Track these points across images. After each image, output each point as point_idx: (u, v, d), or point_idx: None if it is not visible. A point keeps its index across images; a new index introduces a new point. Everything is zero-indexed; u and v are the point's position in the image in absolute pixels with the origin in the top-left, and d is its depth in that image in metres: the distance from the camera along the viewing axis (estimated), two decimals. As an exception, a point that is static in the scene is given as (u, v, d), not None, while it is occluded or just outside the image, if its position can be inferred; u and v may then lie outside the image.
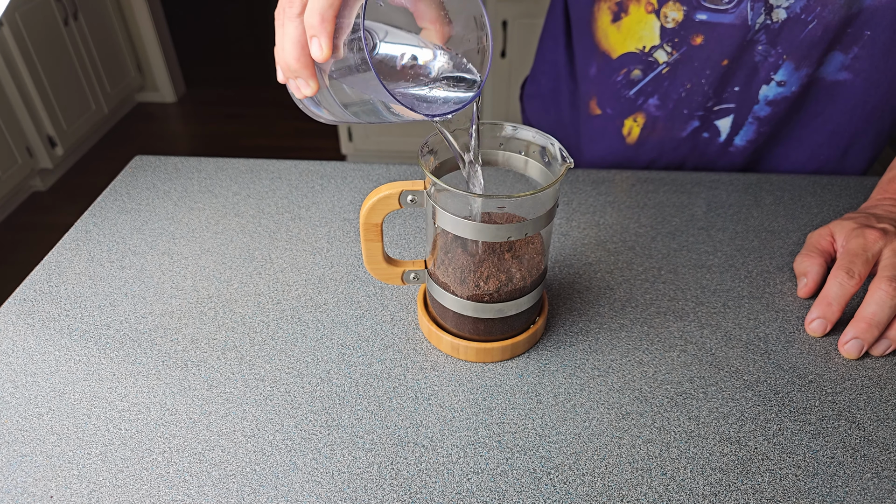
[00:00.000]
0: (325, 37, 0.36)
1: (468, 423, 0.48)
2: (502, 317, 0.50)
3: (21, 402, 0.49)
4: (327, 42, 0.37)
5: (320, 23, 0.36)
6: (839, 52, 0.68)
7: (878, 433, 0.47)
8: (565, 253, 0.64)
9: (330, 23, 0.36)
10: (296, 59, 0.38)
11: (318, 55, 0.37)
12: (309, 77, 0.39)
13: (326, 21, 0.36)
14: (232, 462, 0.45)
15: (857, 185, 0.74)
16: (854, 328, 0.52)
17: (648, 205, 0.71)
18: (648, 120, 0.78)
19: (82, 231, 0.68)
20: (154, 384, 0.51)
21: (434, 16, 0.41)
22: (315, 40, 0.37)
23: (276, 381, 0.51)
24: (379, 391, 0.50)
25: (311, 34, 0.37)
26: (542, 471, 0.44)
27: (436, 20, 0.41)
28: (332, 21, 0.36)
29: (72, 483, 0.44)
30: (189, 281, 0.61)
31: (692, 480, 0.44)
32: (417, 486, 0.43)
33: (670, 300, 0.59)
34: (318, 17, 0.36)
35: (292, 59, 0.38)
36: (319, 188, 0.75)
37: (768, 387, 0.50)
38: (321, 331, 0.56)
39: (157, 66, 3.18)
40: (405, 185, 0.48)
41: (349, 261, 0.64)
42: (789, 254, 0.64)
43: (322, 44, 0.37)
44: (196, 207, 0.71)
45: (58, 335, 0.55)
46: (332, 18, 0.36)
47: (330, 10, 0.36)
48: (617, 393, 0.50)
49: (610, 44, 0.75)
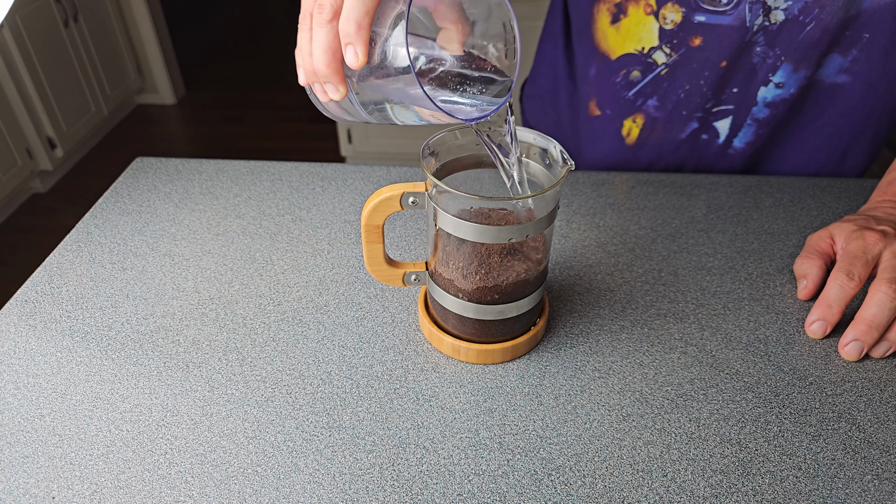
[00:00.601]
0: (361, 45, 0.37)
1: (469, 424, 0.48)
2: (503, 318, 0.50)
3: (23, 403, 0.50)
4: (363, 50, 0.37)
5: (356, 31, 0.36)
6: (837, 54, 0.68)
7: (879, 435, 0.47)
8: (566, 255, 0.64)
9: (367, 31, 0.37)
10: (326, 65, 0.39)
11: (354, 63, 0.37)
12: (339, 83, 0.40)
13: (363, 29, 0.36)
14: (233, 463, 0.45)
15: (856, 188, 0.74)
16: (854, 330, 0.52)
17: (648, 207, 0.71)
18: (647, 121, 0.78)
19: (83, 232, 0.68)
20: (155, 385, 0.51)
21: (455, 17, 0.42)
22: (351, 48, 0.37)
23: (278, 382, 0.51)
24: (380, 392, 0.50)
25: (347, 42, 0.37)
26: (542, 472, 0.44)
27: (456, 21, 0.42)
28: (368, 29, 0.37)
29: (74, 484, 0.44)
30: (190, 282, 0.61)
31: (693, 482, 0.44)
32: (419, 487, 0.43)
33: (670, 302, 0.59)
34: (354, 25, 0.36)
35: (323, 64, 0.39)
36: (320, 190, 0.75)
37: (768, 389, 0.50)
38: (322, 332, 0.56)
39: (157, 68, 3.18)
40: (406, 187, 0.48)
41: (350, 262, 0.64)
42: (789, 256, 0.64)
43: (358, 51, 0.37)
44: (197, 209, 0.72)
45: (59, 336, 0.55)
46: (369, 26, 0.37)
47: (367, 18, 0.36)
48: (617, 395, 0.50)
49: (609, 45, 0.75)
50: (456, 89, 0.44)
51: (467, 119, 0.41)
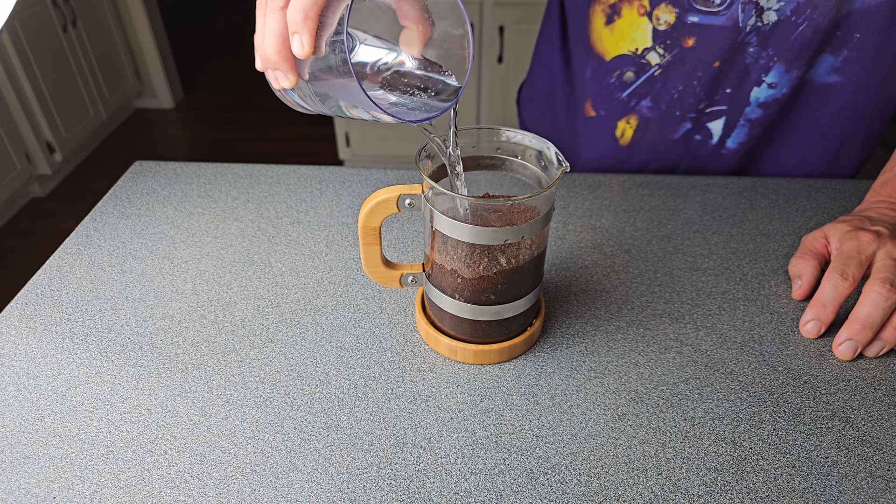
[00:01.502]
0: (307, 35, 0.36)
1: (466, 424, 0.48)
2: (499, 319, 0.51)
3: (24, 404, 0.50)
4: (309, 40, 0.37)
5: (303, 20, 0.36)
6: (829, 54, 0.69)
7: (872, 433, 0.47)
8: (562, 256, 0.65)
9: (313, 21, 0.36)
10: (276, 52, 0.38)
11: (300, 52, 0.37)
12: (288, 70, 0.39)
13: (310, 19, 0.36)
14: (232, 463, 0.45)
15: (850, 188, 0.75)
16: (848, 329, 0.53)
17: (644, 208, 0.72)
18: (641, 122, 0.78)
19: (83, 236, 0.68)
20: (155, 387, 0.51)
21: (417, 16, 0.41)
22: (297, 37, 0.37)
23: (276, 383, 0.52)
24: (377, 393, 0.51)
25: (294, 30, 0.37)
26: (539, 471, 0.45)
27: (418, 20, 0.41)
28: (315, 19, 0.36)
29: (74, 484, 0.44)
30: (189, 285, 0.62)
31: (688, 480, 0.44)
32: (416, 486, 0.44)
33: (666, 302, 0.59)
34: (301, 14, 0.36)
35: (272, 51, 0.38)
36: (318, 193, 0.75)
37: (763, 388, 0.51)
38: (320, 333, 0.56)
39: (156, 72, 3.18)
40: (403, 189, 0.48)
41: (348, 264, 0.64)
42: (784, 256, 0.64)
43: (304, 41, 0.37)
44: (196, 212, 0.72)
45: (59, 339, 0.56)
46: (316, 17, 0.36)
47: (314, 8, 0.36)
48: (613, 394, 0.50)
49: (604, 46, 0.76)
50: (406, 91, 0.43)
51: (411, 120, 0.40)
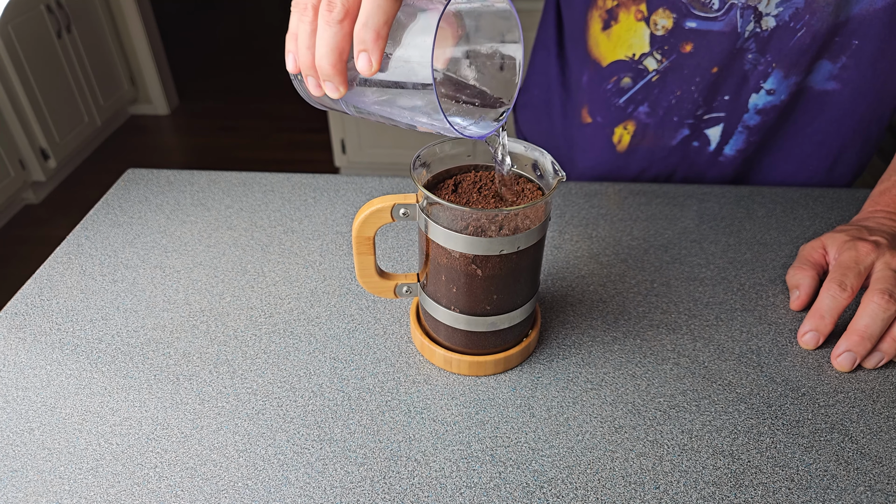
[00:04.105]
0: (377, 53, 0.37)
1: (461, 436, 0.48)
2: (495, 330, 0.50)
3: (12, 416, 0.49)
4: (378, 58, 0.37)
5: (374, 39, 0.36)
6: (827, 60, 0.69)
7: (871, 446, 0.47)
8: (558, 266, 0.64)
9: (385, 40, 0.36)
10: (332, 66, 0.38)
11: (367, 71, 0.37)
12: (341, 83, 0.40)
13: (381, 38, 0.36)
14: (224, 476, 0.45)
15: (848, 198, 0.75)
16: (847, 341, 0.52)
17: (640, 217, 0.71)
18: (638, 128, 0.78)
19: (74, 244, 0.68)
20: (146, 398, 0.51)
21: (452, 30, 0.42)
22: (365, 55, 0.37)
23: (269, 394, 0.51)
24: (371, 405, 0.50)
25: (363, 48, 0.37)
26: (535, 485, 0.44)
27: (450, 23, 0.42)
28: (386, 38, 0.36)
29: (63, 498, 0.43)
30: (181, 294, 0.61)
31: (685, 494, 0.43)
32: (410, 500, 0.43)
33: (663, 313, 0.59)
34: (373, 33, 0.36)
35: (328, 64, 0.38)
36: (312, 201, 0.75)
37: (761, 399, 0.50)
38: (313, 344, 0.56)
39: (151, 78, 3.17)
40: (397, 199, 0.48)
41: (342, 274, 0.64)
42: (782, 266, 0.64)
43: (373, 60, 0.37)
44: (188, 221, 0.71)
45: (49, 349, 0.55)
46: (387, 36, 0.36)
47: (385, 27, 0.36)
48: (610, 406, 0.50)
49: (601, 52, 0.76)
50: (454, 101, 0.44)
51: (476, 136, 0.41)
